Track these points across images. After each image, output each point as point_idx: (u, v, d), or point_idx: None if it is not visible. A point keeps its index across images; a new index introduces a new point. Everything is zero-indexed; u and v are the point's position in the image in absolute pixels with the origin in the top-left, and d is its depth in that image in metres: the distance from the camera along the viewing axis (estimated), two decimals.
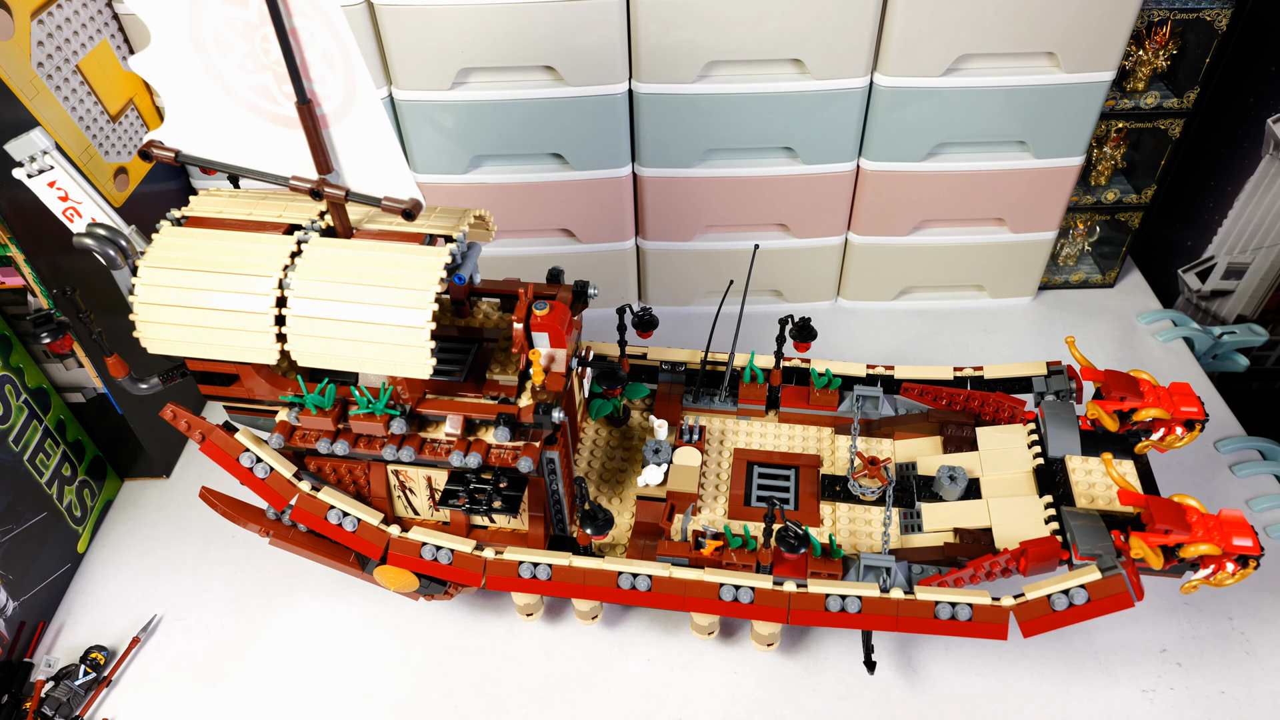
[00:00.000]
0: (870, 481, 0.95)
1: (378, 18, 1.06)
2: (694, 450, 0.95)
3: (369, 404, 0.83)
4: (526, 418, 0.83)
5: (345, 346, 0.77)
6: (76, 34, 1.02)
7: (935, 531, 0.91)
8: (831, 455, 1.01)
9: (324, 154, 0.74)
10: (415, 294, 0.75)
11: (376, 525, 0.87)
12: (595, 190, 1.21)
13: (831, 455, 1.01)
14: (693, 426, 1.00)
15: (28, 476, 0.99)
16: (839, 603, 0.83)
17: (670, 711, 0.92)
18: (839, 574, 0.86)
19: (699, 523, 0.94)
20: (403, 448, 0.84)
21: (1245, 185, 1.26)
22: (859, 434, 1.02)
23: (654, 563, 0.87)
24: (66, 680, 0.94)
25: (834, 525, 0.95)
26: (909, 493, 0.96)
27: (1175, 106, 1.20)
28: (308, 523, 0.88)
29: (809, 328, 0.99)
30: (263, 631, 1.00)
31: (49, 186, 0.79)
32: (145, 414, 1.09)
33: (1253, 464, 1.13)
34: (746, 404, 1.04)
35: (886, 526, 0.92)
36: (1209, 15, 1.13)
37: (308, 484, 0.88)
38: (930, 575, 0.86)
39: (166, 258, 0.79)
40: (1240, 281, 1.36)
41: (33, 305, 0.96)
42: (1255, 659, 0.94)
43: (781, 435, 1.04)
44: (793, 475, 1.00)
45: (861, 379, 1.04)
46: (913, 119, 1.13)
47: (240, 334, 0.78)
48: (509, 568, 0.87)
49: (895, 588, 0.84)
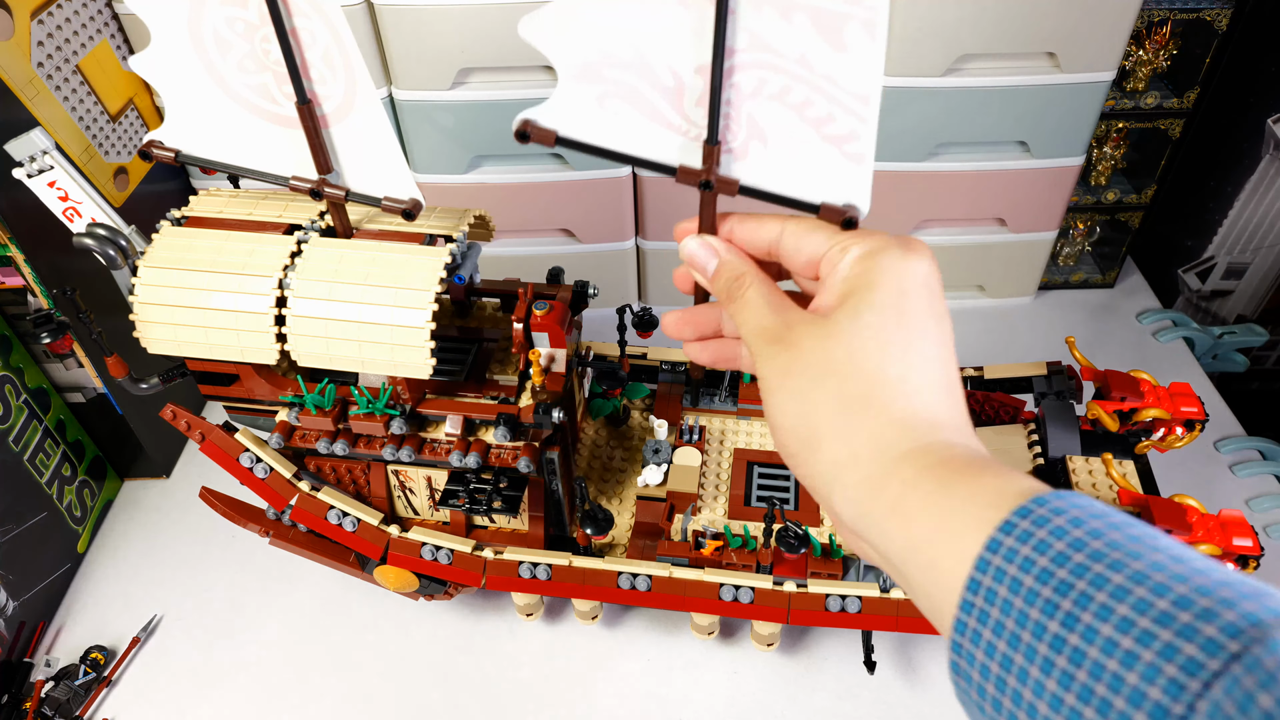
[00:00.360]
0: None
1: (378, 18, 1.06)
2: (694, 450, 0.95)
3: (369, 404, 0.83)
4: (526, 418, 0.83)
5: (346, 347, 0.77)
6: (76, 34, 1.02)
7: None
8: None
9: (324, 154, 0.74)
10: (416, 294, 0.75)
11: (376, 525, 0.87)
12: (595, 190, 1.21)
13: None
14: (693, 426, 1.00)
15: (28, 476, 0.99)
16: (839, 603, 0.83)
17: (670, 711, 0.92)
18: (839, 574, 0.86)
19: (699, 523, 0.94)
20: (402, 448, 0.84)
21: (1245, 185, 1.26)
22: None
23: (654, 563, 0.87)
24: (66, 680, 0.94)
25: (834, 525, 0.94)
26: None
27: (1175, 106, 1.20)
28: (308, 523, 0.88)
29: None
30: (263, 632, 1.00)
31: (49, 186, 0.79)
32: (145, 414, 1.09)
33: (1253, 464, 1.13)
34: (747, 404, 1.04)
35: None
36: (1209, 15, 1.13)
37: (307, 484, 0.88)
38: None
39: (166, 258, 0.79)
40: (1240, 281, 1.36)
41: (33, 305, 0.96)
42: None
43: None
44: (793, 475, 0.99)
45: None
46: (913, 119, 1.13)
47: (240, 334, 0.78)
48: (509, 568, 0.87)
49: (895, 588, 0.84)
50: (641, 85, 0.64)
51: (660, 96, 0.64)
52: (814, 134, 0.62)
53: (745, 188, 0.65)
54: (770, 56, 0.60)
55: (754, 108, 0.62)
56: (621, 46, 0.62)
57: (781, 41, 0.58)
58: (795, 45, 0.58)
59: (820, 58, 0.58)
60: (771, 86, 0.61)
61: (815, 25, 0.57)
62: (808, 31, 0.57)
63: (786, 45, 0.58)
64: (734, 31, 0.59)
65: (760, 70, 0.60)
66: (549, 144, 0.66)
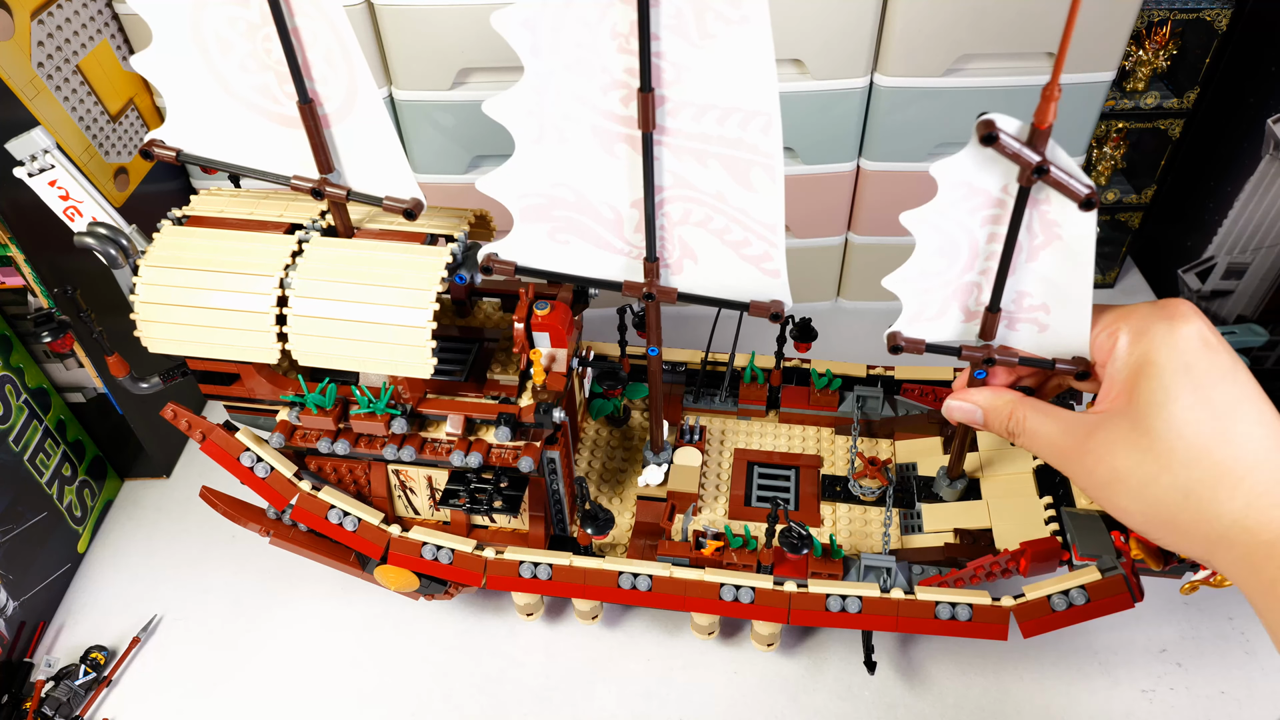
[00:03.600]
0: (871, 482, 0.95)
1: (378, 18, 1.06)
2: (694, 450, 0.95)
3: (370, 403, 0.83)
4: (527, 418, 0.83)
5: (346, 346, 0.77)
6: (76, 34, 1.01)
7: (936, 532, 0.91)
8: (832, 455, 1.01)
9: (326, 153, 0.74)
10: (416, 294, 0.75)
11: (377, 525, 0.87)
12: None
13: (832, 455, 1.01)
14: (693, 426, 1.00)
15: (28, 476, 0.99)
16: (839, 603, 0.83)
17: (670, 711, 0.92)
18: (839, 574, 0.86)
19: (699, 523, 0.94)
20: (403, 447, 0.84)
21: (1245, 185, 1.26)
22: (859, 434, 1.02)
23: (654, 563, 0.87)
24: (66, 680, 0.94)
25: (834, 525, 0.95)
26: (909, 493, 0.96)
27: (1175, 107, 1.20)
28: (308, 522, 0.88)
29: (809, 328, 1.00)
30: (263, 631, 1.00)
31: (50, 185, 0.79)
32: (145, 414, 1.09)
33: None
34: (747, 404, 1.04)
35: (887, 527, 0.92)
36: (1209, 15, 1.13)
37: (308, 483, 0.88)
38: (930, 576, 0.86)
39: (168, 257, 0.79)
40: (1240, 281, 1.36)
41: (33, 305, 0.96)
42: (1255, 659, 0.94)
43: (782, 435, 1.04)
44: (793, 475, 1.00)
45: (862, 379, 1.04)
46: (913, 119, 1.13)
47: (241, 333, 0.78)
48: (509, 567, 0.87)
49: (896, 588, 0.84)
50: (585, 220, 0.74)
51: (602, 227, 0.75)
52: (734, 255, 0.73)
53: (683, 294, 0.77)
54: (692, 192, 0.70)
55: (684, 232, 0.73)
56: (563, 191, 0.73)
57: (701, 181, 0.69)
58: (712, 184, 0.69)
59: (733, 194, 0.69)
60: (696, 215, 0.72)
61: (726, 169, 0.68)
62: (721, 174, 0.68)
63: (705, 184, 0.70)
64: (660, 173, 0.69)
65: (685, 203, 0.71)
66: (510, 275, 0.78)
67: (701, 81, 0.63)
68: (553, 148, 0.70)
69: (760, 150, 0.66)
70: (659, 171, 0.69)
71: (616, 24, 0.62)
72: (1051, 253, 0.67)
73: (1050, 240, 0.67)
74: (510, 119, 0.69)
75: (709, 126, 0.65)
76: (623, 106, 0.66)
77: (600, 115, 0.67)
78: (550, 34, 0.64)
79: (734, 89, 0.63)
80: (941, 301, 0.73)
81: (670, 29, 0.61)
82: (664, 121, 0.66)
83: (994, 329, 0.72)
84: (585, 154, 0.70)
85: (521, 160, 0.71)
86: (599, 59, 0.64)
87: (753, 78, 0.62)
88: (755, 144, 0.65)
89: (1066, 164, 0.63)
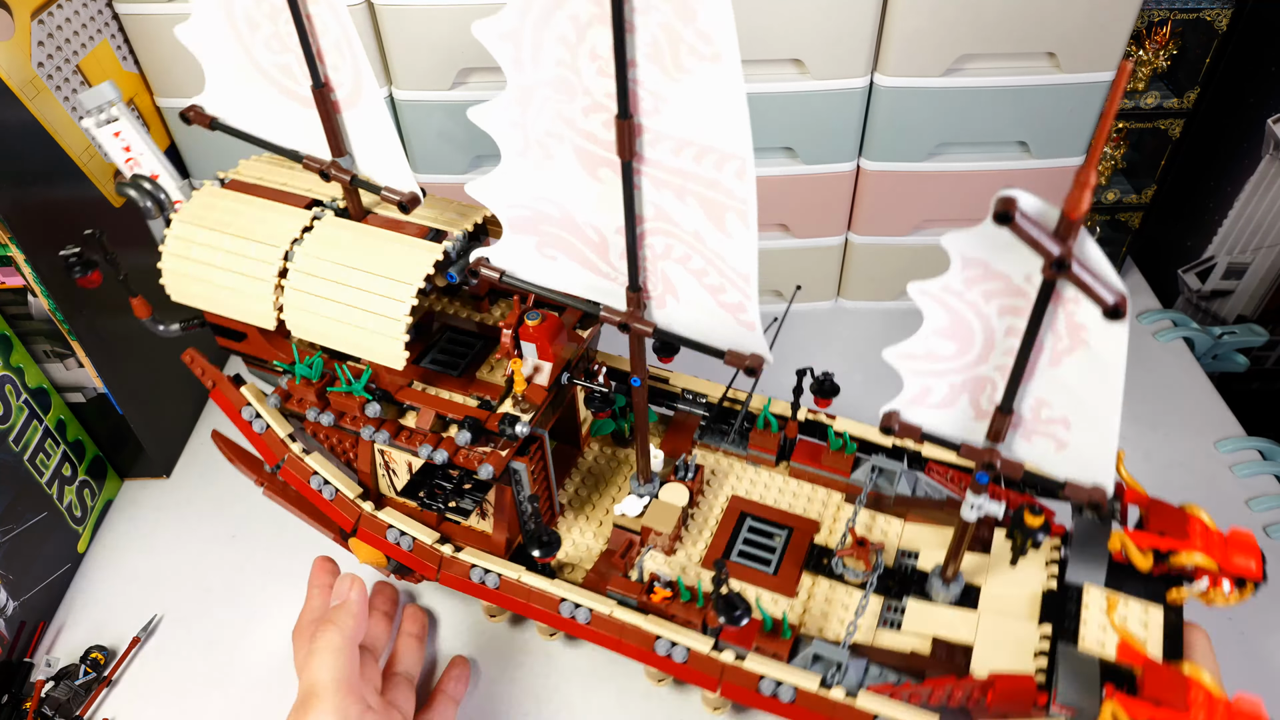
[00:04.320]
0: (855, 563, 0.85)
1: (378, 18, 1.06)
2: (683, 488, 0.89)
3: (348, 383, 0.84)
4: (492, 425, 0.81)
5: (328, 325, 0.79)
6: (76, 34, 1.02)
7: (912, 634, 0.80)
8: (833, 523, 0.91)
9: (338, 137, 0.76)
10: (400, 285, 0.76)
11: (351, 498, 0.88)
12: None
13: (833, 523, 0.91)
14: (689, 463, 0.92)
15: (28, 476, 0.99)
16: (772, 686, 0.75)
17: (670, 711, 0.92)
18: (784, 655, 0.78)
19: (658, 564, 0.88)
20: (380, 430, 0.85)
21: (1245, 185, 1.26)
22: (863, 506, 0.90)
23: (600, 597, 0.83)
24: (66, 680, 0.94)
25: (809, 599, 0.85)
26: (900, 583, 0.84)
27: (1175, 106, 1.20)
28: (294, 483, 0.90)
29: (832, 384, 0.91)
30: (263, 631, 1.00)
31: (114, 136, 0.83)
32: (145, 414, 1.09)
33: (1253, 464, 1.13)
34: (757, 450, 0.96)
35: (858, 616, 0.81)
36: (1209, 15, 1.13)
37: (300, 446, 0.89)
38: (885, 683, 0.76)
39: (197, 215, 0.82)
40: (1240, 281, 1.36)
41: (33, 305, 0.96)
42: (1255, 659, 0.94)
43: (786, 491, 0.94)
44: (784, 536, 0.90)
45: (885, 449, 0.94)
46: (913, 119, 1.13)
47: (245, 296, 0.81)
48: (462, 568, 0.85)
49: (839, 686, 0.75)
50: (571, 239, 0.73)
51: (588, 249, 0.73)
52: (712, 300, 0.71)
53: (660, 330, 0.74)
54: (672, 227, 0.68)
55: (666, 266, 0.71)
56: (549, 207, 0.71)
57: (680, 216, 0.67)
58: (690, 222, 0.66)
59: (710, 236, 0.67)
60: (676, 252, 0.69)
61: (703, 209, 0.65)
62: (698, 213, 0.66)
63: (684, 220, 0.67)
64: (642, 203, 0.67)
65: (666, 237, 0.69)
66: (497, 283, 0.76)
67: (678, 115, 0.60)
68: (538, 162, 0.68)
69: (735, 195, 0.62)
70: (641, 201, 0.67)
71: (596, 46, 0.60)
72: (1077, 360, 0.60)
73: (1076, 346, 0.60)
74: (495, 129, 0.68)
75: (686, 163, 0.63)
76: (605, 130, 0.64)
77: (583, 137, 0.65)
78: (531, 49, 0.62)
79: (708, 128, 0.60)
80: (950, 390, 0.67)
81: (647, 57, 0.58)
82: (644, 151, 0.63)
83: (1004, 431, 0.65)
84: (569, 173, 0.68)
85: (507, 171, 0.70)
86: (580, 80, 0.62)
87: (725, 118, 0.59)
88: (731, 188, 0.62)
89: (1096, 262, 0.54)
